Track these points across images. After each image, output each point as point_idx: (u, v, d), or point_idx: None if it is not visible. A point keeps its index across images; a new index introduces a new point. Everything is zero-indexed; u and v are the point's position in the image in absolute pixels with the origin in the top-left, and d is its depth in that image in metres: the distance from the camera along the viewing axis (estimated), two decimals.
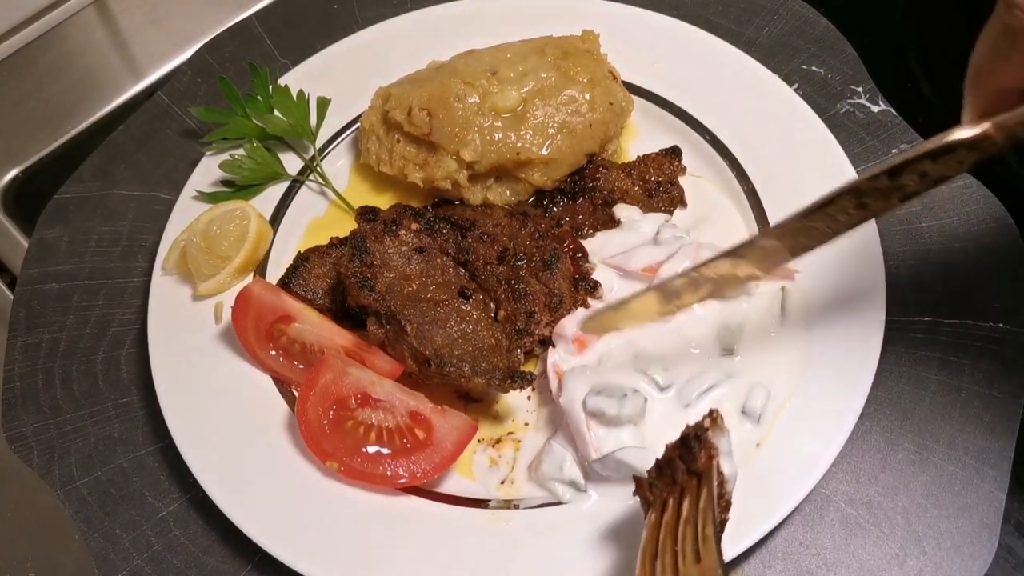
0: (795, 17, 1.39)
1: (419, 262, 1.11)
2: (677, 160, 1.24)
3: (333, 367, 1.04)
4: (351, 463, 1.00)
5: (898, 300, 1.13)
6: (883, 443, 1.06)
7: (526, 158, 1.17)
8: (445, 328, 1.06)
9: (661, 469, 0.88)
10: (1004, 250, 1.16)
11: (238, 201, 1.23)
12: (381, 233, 1.12)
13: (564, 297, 1.09)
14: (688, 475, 0.86)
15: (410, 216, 1.14)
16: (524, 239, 1.13)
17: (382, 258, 1.10)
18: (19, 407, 1.17)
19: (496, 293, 1.08)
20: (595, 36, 1.26)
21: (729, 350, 1.05)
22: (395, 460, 1.00)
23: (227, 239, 1.18)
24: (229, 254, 1.17)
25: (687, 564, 0.80)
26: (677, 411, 1.02)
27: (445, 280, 1.10)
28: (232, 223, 1.19)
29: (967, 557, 0.99)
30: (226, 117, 1.29)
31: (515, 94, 1.18)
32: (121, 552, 1.06)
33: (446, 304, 1.08)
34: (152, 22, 1.60)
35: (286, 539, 0.99)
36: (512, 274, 1.09)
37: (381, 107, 1.24)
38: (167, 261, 1.18)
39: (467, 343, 1.06)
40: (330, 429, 1.01)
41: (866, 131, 1.26)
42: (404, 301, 1.07)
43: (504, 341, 1.06)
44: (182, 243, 1.19)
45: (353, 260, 1.08)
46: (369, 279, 1.07)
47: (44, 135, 1.49)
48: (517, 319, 1.07)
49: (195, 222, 1.20)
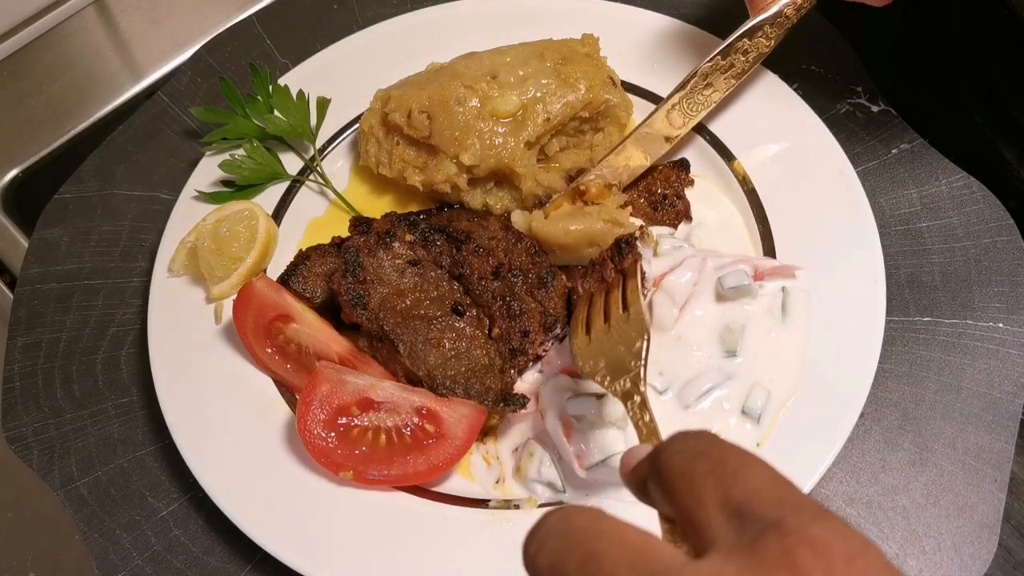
0: None
1: (413, 275, 1.10)
2: (685, 173, 1.22)
3: (328, 378, 1.02)
4: (365, 470, 0.99)
5: (898, 300, 1.13)
6: (883, 443, 1.06)
7: None
8: (438, 347, 1.06)
9: (593, 267, 1.09)
10: (1004, 250, 1.16)
11: (244, 201, 1.23)
12: (375, 246, 1.11)
13: (559, 316, 1.08)
14: (616, 274, 1.07)
15: (404, 227, 1.13)
16: (520, 254, 1.12)
17: (375, 272, 1.09)
18: (19, 407, 1.17)
19: (491, 309, 1.08)
20: (595, 40, 1.26)
21: (731, 352, 1.04)
22: (410, 458, 1.00)
23: (237, 240, 1.18)
24: (241, 255, 1.17)
25: (616, 313, 1.00)
26: (677, 413, 1.02)
27: (439, 295, 1.10)
28: (241, 224, 1.19)
29: (967, 557, 0.99)
30: (226, 117, 1.29)
31: (515, 99, 1.18)
32: (121, 552, 1.06)
33: (440, 321, 1.07)
34: (152, 22, 1.60)
35: (286, 539, 0.99)
36: (507, 290, 1.08)
37: (381, 109, 1.24)
38: (174, 263, 1.18)
39: (460, 363, 1.05)
40: (337, 441, 1.00)
41: (866, 131, 1.26)
42: (397, 318, 1.07)
43: (497, 360, 1.06)
44: (189, 244, 1.19)
45: (346, 276, 1.08)
46: (363, 296, 1.07)
47: (44, 135, 1.49)
48: (511, 338, 1.06)
49: (202, 223, 1.20)
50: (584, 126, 1.23)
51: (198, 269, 1.17)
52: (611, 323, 0.99)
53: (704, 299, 1.07)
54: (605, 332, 0.99)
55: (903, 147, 1.24)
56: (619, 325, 0.98)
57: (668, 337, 1.05)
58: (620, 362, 0.93)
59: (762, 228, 1.17)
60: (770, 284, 1.09)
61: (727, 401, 1.02)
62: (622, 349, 0.94)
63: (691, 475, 0.52)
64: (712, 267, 1.08)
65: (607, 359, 0.95)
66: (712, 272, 1.07)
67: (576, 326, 1.03)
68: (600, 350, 0.97)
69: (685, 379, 1.03)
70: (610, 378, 0.93)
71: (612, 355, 0.95)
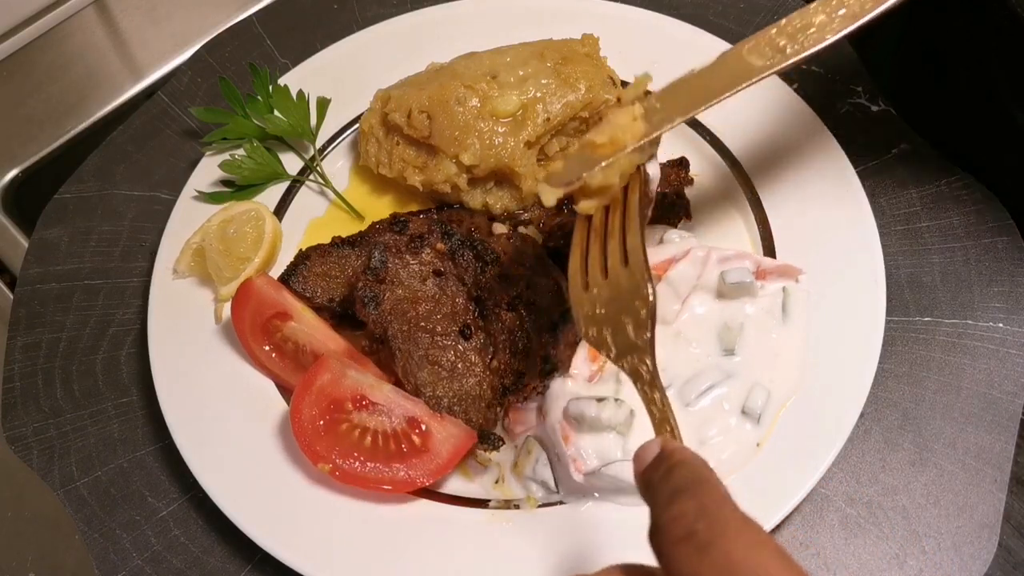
0: None
1: (433, 285, 1.09)
2: (684, 171, 1.21)
3: (331, 368, 1.03)
4: (343, 466, 0.99)
5: (898, 300, 1.13)
6: (883, 443, 1.06)
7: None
8: (434, 365, 1.05)
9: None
10: (1004, 250, 1.16)
11: (249, 202, 1.23)
12: (404, 247, 1.11)
13: (559, 365, 1.04)
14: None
15: (438, 235, 1.12)
16: (543, 291, 1.09)
17: (396, 274, 1.09)
18: (19, 407, 1.17)
19: (496, 339, 1.06)
20: (595, 40, 1.26)
21: (730, 350, 1.04)
22: (389, 465, 1.00)
23: (244, 241, 1.18)
24: (248, 255, 1.17)
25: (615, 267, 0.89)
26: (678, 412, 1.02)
27: (452, 311, 1.08)
28: (248, 224, 1.20)
29: (967, 557, 0.99)
30: (226, 117, 1.29)
31: (515, 99, 1.18)
32: (121, 552, 1.06)
33: (444, 339, 1.06)
34: (152, 22, 1.60)
35: (286, 539, 0.99)
36: (517, 324, 1.06)
37: (381, 109, 1.24)
38: (179, 264, 1.18)
39: (451, 385, 1.04)
40: (324, 431, 1.00)
41: (866, 131, 1.26)
42: (404, 326, 1.06)
43: (488, 393, 1.04)
44: (194, 246, 1.19)
45: (367, 272, 1.08)
46: (377, 295, 1.07)
47: (44, 135, 1.49)
48: (506, 375, 1.04)
49: (207, 224, 1.20)
50: (584, 126, 1.23)
51: (203, 270, 1.18)
52: (610, 279, 0.89)
53: (705, 294, 1.07)
54: (606, 287, 0.89)
55: (903, 147, 1.24)
56: (619, 282, 0.88)
57: (668, 332, 1.05)
58: (625, 334, 0.86)
59: (762, 228, 1.17)
60: (771, 284, 1.09)
61: (727, 401, 1.02)
62: (626, 320, 0.86)
63: None
64: (716, 260, 1.07)
65: (612, 328, 0.87)
66: (715, 266, 1.07)
67: (574, 273, 0.93)
68: (603, 317, 0.88)
69: (686, 377, 1.03)
70: (616, 352, 0.86)
71: (616, 324, 0.87)
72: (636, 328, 0.85)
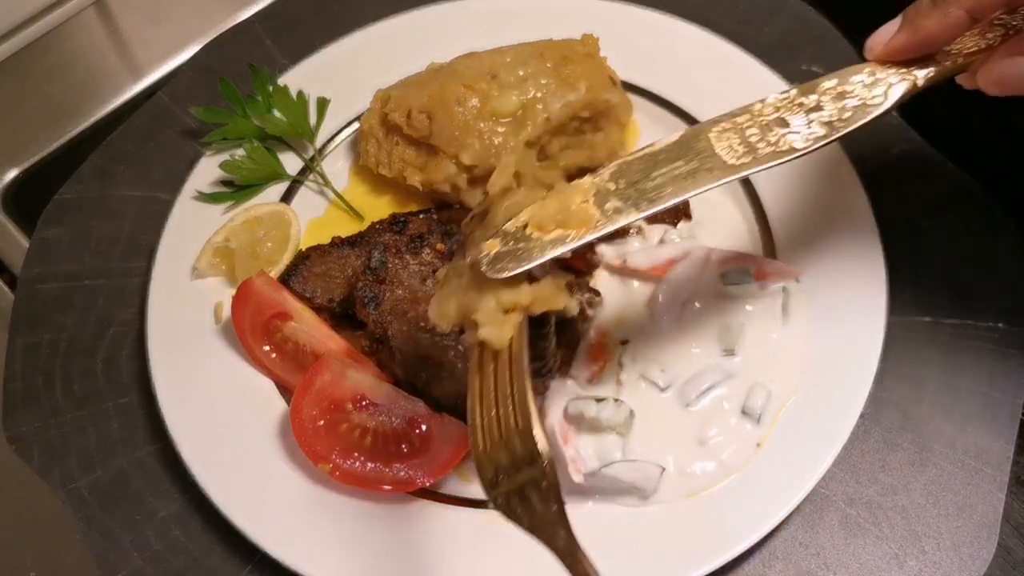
0: (795, 17, 1.39)
1: (433, 286, 1.09)
2: None
3: (332, 368, 1.03)
4: (343, 466, 0.99)
5: (898, 300, 1.13)
6: (883, 443, 1.06)
7: None
8: (435, 366, 1.05)
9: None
10: (1004, 250, 1.16)
11: (275, 203, 1.24)
12: (404, 248, 1.11)
13: (559, 366, 1.02)
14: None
15: (439, 234, 1.13)
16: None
17: (396, 274, 1.09)
18: (19, 407, 1.17)
19: None
20: (595, 40, 1.26)
21: (730, 350, 1.04)
22: (389, 465, 1.00)
23: (271, 242, 1.19)
24: (275, 258, 1.17)
25: (509, 428, 0.75)
26: (678, 412, 1.02)
27: None
28: (276, 227, 1.20)
29: (967, 557, 0.99)
30: (226, 117, 1.29)
31: (515, 99, 1.18)
32: (121, 552, 1.06)
33: (445, 339, 1.05)
34: (152, 22, 1.60)
35: (286, 539, 0.99)
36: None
37: (380, 109, 1.24)
38: (199, 262, 1.18)
39: (451, 386, 1.04)
40: (324, 431, 1.01)
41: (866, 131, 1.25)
42: (403, 326, 1.06)
43: None
44: (217, 245, 1.19)
45: (367, 272, 1.08)
46: (377, 296, 1.07)
47: (44, 135, 1.49)
48: None
49: (230, 224, 1.20)
50: (584, 126, 1.23)
51: (223, 270, 1.18)
52: (504, 440, 0.75)
53: (705, 295, 1.07)
54: (503, 452, 0.75)
55: (903, 147, 1.24)
56: (514, 447, 0.74)
57: (668, 333, 1.05)
58: (532, 505, 0.72)
59: (762, 228, 1.17)
60: (771, 284, 1.09)
61: (727, 400, 1.02)
62: (530, 492, 0.72)
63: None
64: (716, 261, 1.07)
65: (519, 498, 0.73)
66: (715, 267, 1.07)
67: (472, 429, 0.78)
68: (508, 484, 0.73)
69: (686, 376, 1.03)
70: (529, 525, 0.71)
71: (522, 495, 0.73)
72: (542, 502, 0.71)
